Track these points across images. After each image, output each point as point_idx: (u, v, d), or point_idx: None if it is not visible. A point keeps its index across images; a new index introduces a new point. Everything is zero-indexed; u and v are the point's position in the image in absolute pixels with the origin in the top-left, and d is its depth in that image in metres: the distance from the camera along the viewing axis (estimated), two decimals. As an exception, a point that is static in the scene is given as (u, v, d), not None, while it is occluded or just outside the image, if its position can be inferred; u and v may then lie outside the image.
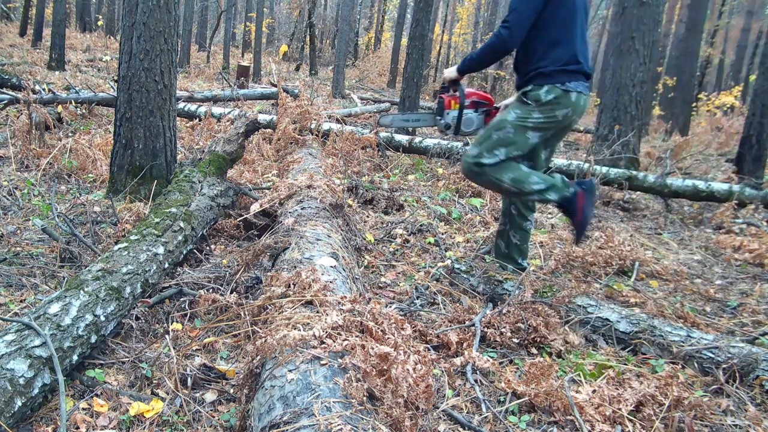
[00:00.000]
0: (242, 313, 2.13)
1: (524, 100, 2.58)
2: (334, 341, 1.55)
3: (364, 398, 1.39)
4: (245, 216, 3.30)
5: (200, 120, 6.63)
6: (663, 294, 3.18)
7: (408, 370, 1.48)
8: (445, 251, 3.56)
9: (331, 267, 2.26)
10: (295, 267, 2.20)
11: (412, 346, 1.64)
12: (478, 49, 2.65)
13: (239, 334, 2.21)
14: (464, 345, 2.31)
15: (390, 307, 1.88)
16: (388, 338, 1.60)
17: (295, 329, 1.59)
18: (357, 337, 1.58)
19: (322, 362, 1.48)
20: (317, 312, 1.73)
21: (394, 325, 1.68)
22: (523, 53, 2.64)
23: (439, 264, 3.24)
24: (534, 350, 2.37)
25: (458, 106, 2.82)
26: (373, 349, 1.50)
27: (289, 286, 1.92)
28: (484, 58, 2.64)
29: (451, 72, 2.79)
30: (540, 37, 2.54)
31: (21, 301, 2.38)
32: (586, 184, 2.69)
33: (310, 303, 1.82)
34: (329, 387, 1.40)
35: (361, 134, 6.02)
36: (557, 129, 2.66)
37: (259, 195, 3.83)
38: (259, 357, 1.62)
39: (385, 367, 1.48)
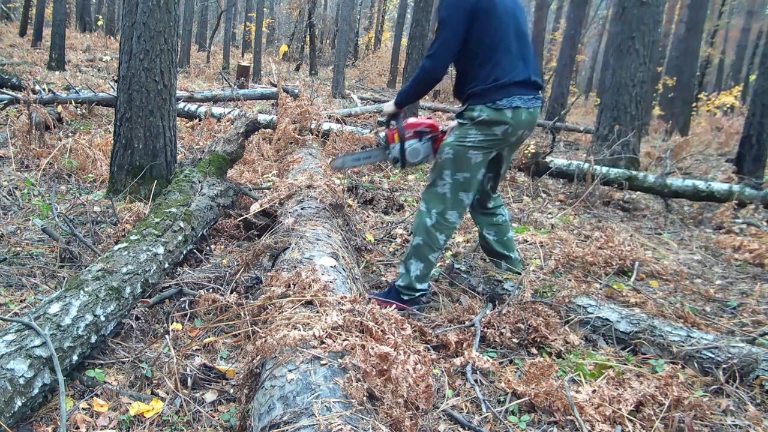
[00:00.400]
0: (242, 313, 2.13)
1: (460, 121, 2.57)
2: (334, 341, 1.55)
3: (364, 398, 1.39)
4: (245, 216, 3.30)
5: (200, 120, 6.63)
6: (663, 294, 3.18)
7: (408, 370, 1.48)
8: (445, 251, 3.56)
9: (331, 267, 2.26)
10: (295, 267, 2.20)
11: (412, 346, 1.64)
12: (410, 80, 2.64)
13: (239, 334, 2.21)
14: (464, 345, 2.31)
15: (390, 307, 1.87)
16: (388, 338, 1.60)
17: (295, 329, 1.59)
18: (357, 337, 1.58)
19: (322, 362, 1.48)
20: (317, 312, 1.73)
21: (394, 325, 1.68)
22: (459, 77, 2.64)
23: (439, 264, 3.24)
24: (534, 350, 2.37)
25: (399, 140, 2.78)
26: (373, 349, 1.50)
27: (289, 286, 1.92)
28: (416, 90, 2.64)
29: (389, 106, 2.78)
30: (470, 59, 2.52)
31: (21, 301, 2.38)
32: (419, 304, 2.68)
33: (310, 303, 1.82)
34: (329, 387, 1.40)
35: (361, 134, 6.02)
36: (502, 146, 2.60)
37: (259, 195, 3.83)
38: (259, 357, 1.62)
39: (385, 367, 1.48)
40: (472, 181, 2.58)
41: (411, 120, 2.85)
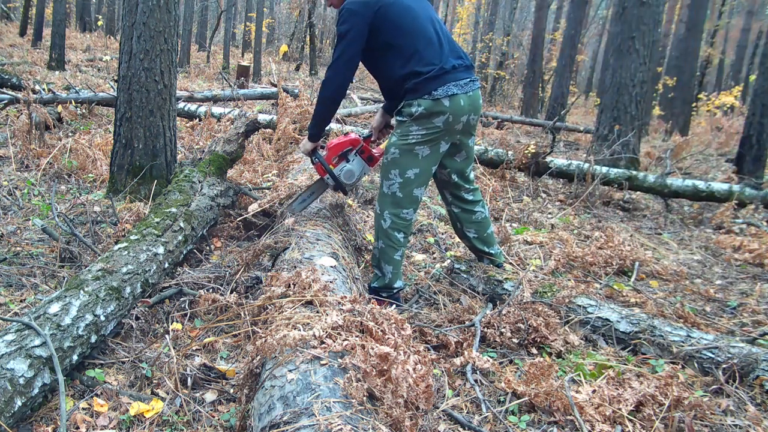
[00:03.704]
0: (242, 313, 2.13)
1: (399, 119, 2.55)
2: (334, 341, 1.55)
3: (364, 398, 1.39)
4: (244, 216, 3.30)
5: (200, 120, 6.63)
6: (663, 294, 3.18)
7: (408, 370, 1.48)
8: (445, 251, 3.56)
9: (331, 267, 2.26)
10: (295, 267, 2.20)
11: (412, 346, 1.64)
12: (315, 106, 2.62)
13: (239, 334, 2.21)
14: (464, 345, 2.31)
15: (390, 306, 1.87)
16: (388, 338, 1.59)
17: (295, 329, 1.59)
18: (357, 337, 1.58)
19: (322, 362, 1.48)
20: (317, 312, 1.72)
21: (394, 325, 1.67)
22: (386, 83, 2.62)
23: (439, 264, 3.24)
24: (534, 350, 2.37)
25: (327, 171, 2.78)
26: (373, 349, 1.50)
27: (290, 286, 1.92)
28: (322, 113, 2.61)
29: (305, 145, 2.78)
30: (390, 62, 2.49)
31: (21, 301, 2.38)
32: (398, 299, 2.69)
33: (310, 303, 1.82)
34: (329, 387, 1.40)
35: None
36: (447, 134, 2.53)
37: (259, 195, 3.83)
38: (259, 357, 1.62)
39: (385, 367, 1.47)
40: (423, 175, 2.55)
41: (332, 143, 2.82)
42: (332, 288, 1.93)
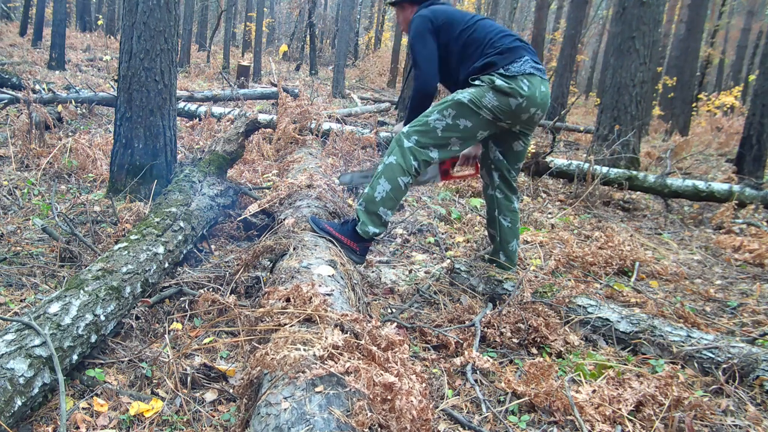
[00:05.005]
0: (239, 322, 2.08)
1: (476, 83, 2.64)
2: (336, 362, 1.50)
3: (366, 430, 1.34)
4: (243, 216, 3.30)
5: (200, 120, 6.63)
6: (663, 294, 3.18)
7: (412, 402, 1.45)
8: (445, 251, 3.56)
9: (329, 276, 2.22)
10: (293, 277, 2.16)
11: (411, 369, 1.60)
12: (408, 105, 2.76)
13: (239, 333, 2.20)
14: (464, 345, 2.31)
15: (389, 310, 1.86)
16: (391, 366, 1.55)
17: (295, 350, 1.53)
18: (359, 360, 1.54)
19: (319, 388, 1.42)
20: (317, 333, 1.66)
21: (396, 351, 1.62)
22: (453, 83, 2.80)
23: (439, 264, 3.24)
24: (534, 350, 2.37)
25: None
26: (377, 376, 1.46)
27: (288, 300, 1.87)
28: (417, 109, 2.71)
29: (398, 127, 2.88)
30: (453, 69, 2.72)
31: (21, 301, 2.38)
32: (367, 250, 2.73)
33: (309, 320, 1.77)
34: (323, 417, 1.33)
35: (361, 134, 6.02)
36: (511, 121, 2.67)
37: (259, 195, 3.83)
38: (258, 368, 1.57)
39: (389, 397, 1.44)
40: (468, 135, 2.61)
41: None
42: (331, 303, 1.88)
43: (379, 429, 1.38)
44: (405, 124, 2.72)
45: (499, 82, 2.51)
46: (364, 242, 2.65)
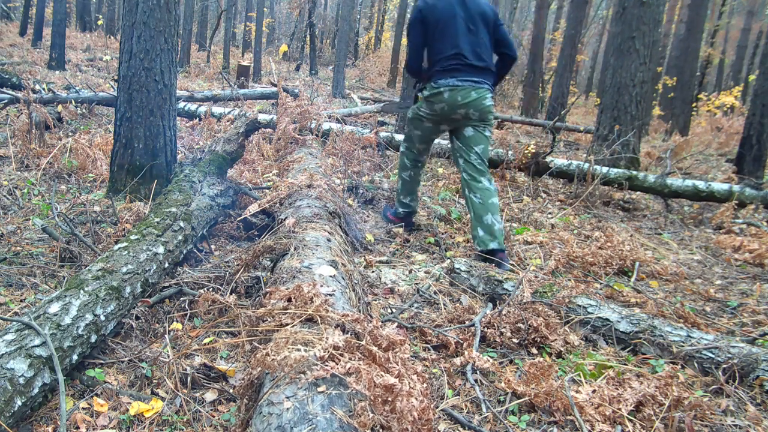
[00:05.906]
0: (240, 323, 2.09)
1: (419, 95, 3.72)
2: (337, 363, 1.50)
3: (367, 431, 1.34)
4: (243, 216, 3.30)
5: (200, 120, 6.63)
6: (663, 294, 3.18)
7: (413, 404, 1.45)
8: (445, 251, 3.56)
9: (331, 277, 2.23)
10: (294, 276, 2.16)
11: (411, 368, 1.60)
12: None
13: (239, 333, 2.20)
14: (464, 345, 2.31)
15: (389, 310, 1.86)
16: (392, 367, 1.55)
17: (296, 351, 1.54)
18: (360, 360, 1.54)
19: (322, 388, 1.42)
20: (318, 333, 1.66)
21: (396, 351, 1.62)
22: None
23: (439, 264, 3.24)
24: (534, 350, 2.37)
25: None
26: (378, 377, 1.46)
27: (290, 300, 1.87)
28: (410, 80, 3.71)
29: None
30: (430, 55, 3.41)
31: (21, 301, 2.38)
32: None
33: (310, 320, 1.78)
34: (326, 417, 1.33)
35: (361, 134, 6.02)
36: (443, 120, 3.50)
37: (259, 195, 3.83)
38: (260, 369, 1.58)
39: (389, 398, 1.44)
40: (425, 137, 3.69)
41: None
42: (332, 303, 1.88)
43: (381, 430, 1.38)
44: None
45: (426, 93, 3.40)
46: (400, 220, 3.97)
